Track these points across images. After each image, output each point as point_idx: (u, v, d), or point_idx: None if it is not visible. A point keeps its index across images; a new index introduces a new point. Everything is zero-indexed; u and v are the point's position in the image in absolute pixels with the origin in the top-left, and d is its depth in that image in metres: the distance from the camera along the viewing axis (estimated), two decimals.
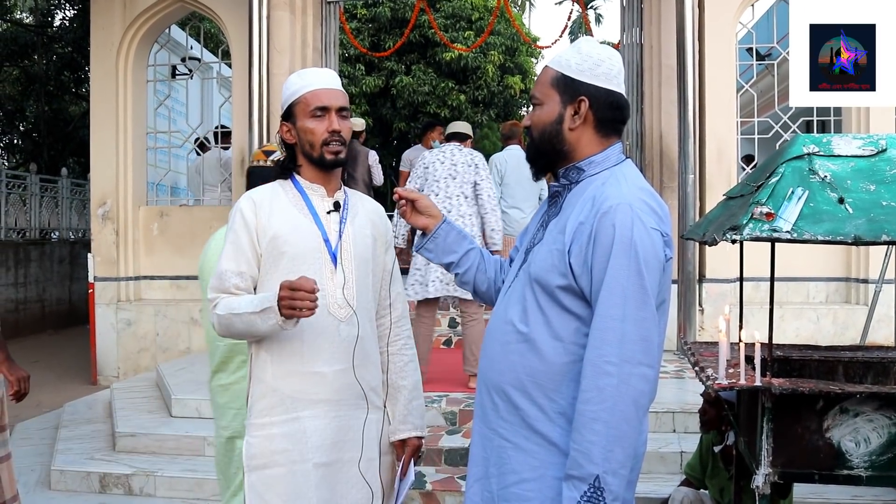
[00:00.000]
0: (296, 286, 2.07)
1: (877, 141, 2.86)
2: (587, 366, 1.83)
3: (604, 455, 1.77)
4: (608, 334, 1.81)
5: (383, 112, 18.85)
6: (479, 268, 2.30)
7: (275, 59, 7.60)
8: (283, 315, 2.11)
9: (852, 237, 2.58)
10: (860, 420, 2.73)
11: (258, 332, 2.21)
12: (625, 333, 1.81)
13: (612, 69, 2.00)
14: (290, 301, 2.08)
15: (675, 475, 4.51)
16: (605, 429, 1.78)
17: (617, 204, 1.86)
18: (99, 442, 5.70)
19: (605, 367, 1.80)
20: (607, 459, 1.77)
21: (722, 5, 7.39)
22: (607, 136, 2.03)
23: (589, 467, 1.78)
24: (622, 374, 1.79)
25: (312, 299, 2.07)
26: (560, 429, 1.91)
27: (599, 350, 1.82)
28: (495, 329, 2.08)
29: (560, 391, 1.92)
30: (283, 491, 2.26)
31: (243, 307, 2.22)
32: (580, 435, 1.80)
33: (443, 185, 5.93)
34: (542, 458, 1.94)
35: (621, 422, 1.78)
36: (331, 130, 2.31)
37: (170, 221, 8.58)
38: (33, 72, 17.16)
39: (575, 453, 1.81)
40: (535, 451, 1.95)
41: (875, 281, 6.16)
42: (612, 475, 1.77)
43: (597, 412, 1.79)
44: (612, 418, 1.78)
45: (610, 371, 1.79)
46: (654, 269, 1.85)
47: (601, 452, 1.77)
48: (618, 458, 1.78)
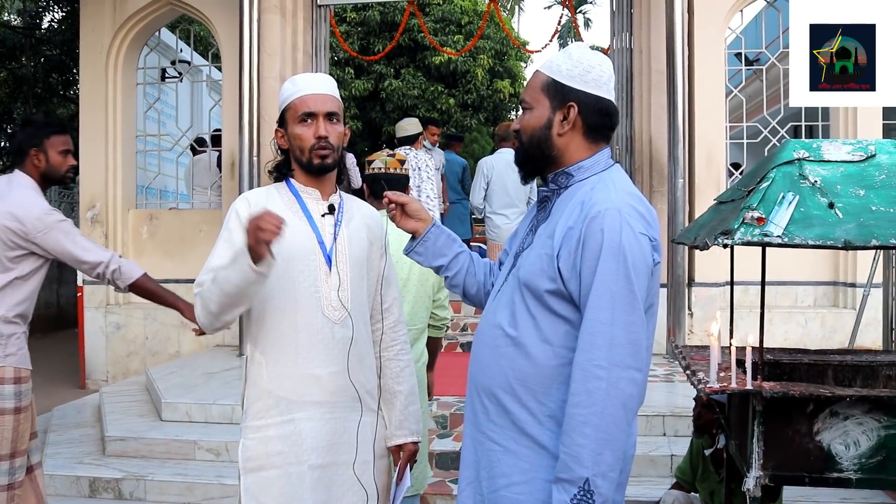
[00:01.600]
0: (258, 214, 2.05)
1: (866, 146, 2.88)
2: (576, 369, 1.84)
3: (593, 458, 1.78)
4: (597, 338, 1.83)
5: (372, 115, 18.83)
6: (468, 271, 2.31)
7: (265, 63, 7.60)
8: (252, 247, 2.04)
9: (842, 242, 2.60)
10: (850, 423, 2.74)
11: (233, 287, 2.13)
12: (614, 337, 1.82)
13: (602, 75, 2.01)
14: (255, 229, 2.02)
15: (665, 478, 4.53)
16: (595, 432, 1.79)
17: (605, 209, 1.87)
18: (88, 446, 5.68)
19: (595, 371, 1.81)
20: (597, 462, 1.78)
21: (711, 11, 7.44)
22: (596, 141, 2.04)
23: (579, 470, 1.79)
24: (611, 377, 1.80)
25: (276, 222, 2.02)
26: (550, 432, 1.92)
27: (589, 354, 1.83)
28: (484, 333, 2.09)
29: (549, 394, 1.93)
30: (279, 493, 2.26)
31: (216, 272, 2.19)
32: (570, 438, 1.81)
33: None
34: (532, 461, 1.94)
35: (610, 425, 1.80)
36: (317, 136, 2.32)
37: (159, 225, 8.56)
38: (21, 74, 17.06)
39: (565, 456, 1.82)
40: (525, 455, 1.95)
41: (862, 285, 6.21)
42: (602, 478, 1.79)
43: (586, 415, 1.80)
44: (601, 422, 1.79)
45: (599, 374, 1.80)
46: (643, 273, 1.87)
47: (591, 455, 1.78)
48: (607, 460, 1.79)
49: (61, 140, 3.49)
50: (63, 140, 3.50)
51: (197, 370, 6.84)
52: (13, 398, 3.30)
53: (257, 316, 2.31)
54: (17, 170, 3.46)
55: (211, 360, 7.36)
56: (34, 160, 3.43)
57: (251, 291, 2.16)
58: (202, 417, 5.65)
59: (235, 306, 2.21)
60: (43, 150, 3.43)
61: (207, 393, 5.95)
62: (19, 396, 3.32)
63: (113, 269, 3.40)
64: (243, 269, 2.08)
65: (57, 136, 3.48)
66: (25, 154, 3.43)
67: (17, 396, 3.31)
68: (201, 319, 2.25)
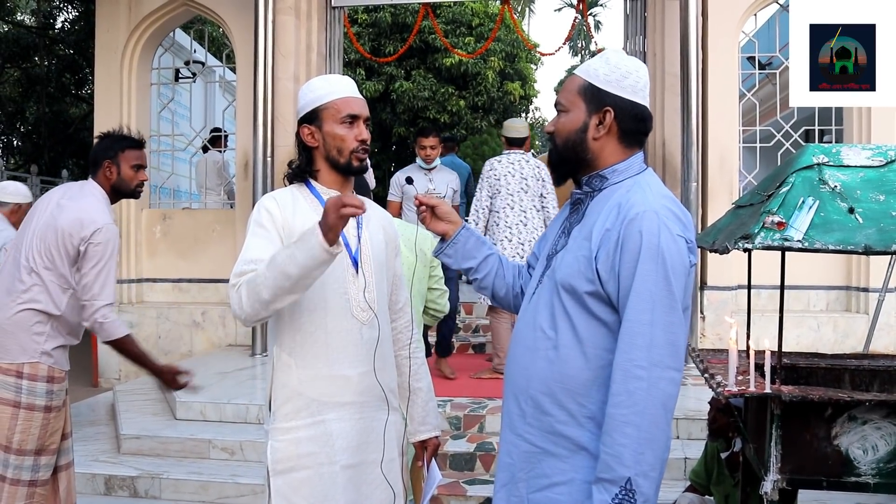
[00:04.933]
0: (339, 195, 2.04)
1: (886, 152, 2.89)
2: (617, 370, 1.85)
3: (635, 458, 1.79)
4: (637, 339, 1.84)
5: (383, 117, 18.88)
6: (497, 273, 2.33)
7: (279, 64, 7.63)
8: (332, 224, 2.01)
9: (863, 247, 2.62)
10: (868, 428, 2.75)
11: (297, 267, 2.05)
12: (654, 338, 1.83)
13: (638, 82, 2.03)
14: (339, 205, 1.99)
15: (679, 481, 4.53)
16: (636, 432, 1.80)
17: (643, 211, 1.89)
18: (103, 444, 5.72)
19: (635, 371, 1.82)
20: (638, 462, 1.79)
21: (725, 14, 7.43)
22: (630, 146, 2.05)
23: (620, 470, 1.80)
24: (651, 377, 1.82)
25: (360, 202, 2.01)
26: (589, 433, 1.94)
27: (629, 354, 1.84)
28: (523, 335, 2.09)
29: (589, 396, 1.94)
30: (310, 493, 2.27)
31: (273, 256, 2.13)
32: (611, 438, 1.82)
33: (517, 198, 6.19)
34: (572, 462, 1.95)
35: (651, 425, 1.81)
36: (360, 139, 2.34)
37: (172, 224, 8.60)
38: (34, 73, 17.17)
39: (606, 456, 1.83)
40: (565, 456, 1.97)
41: (875, 290, 6.21)
42: (644, 477, 1.80)
43: (627, 415, 1.81)
44: (642, 421, 1.80)
45: (640, 375, 1.82)
46: (681, 274, 1.88)
47: (632, 455, 1.79)
48: (648, 460, 1.80)
49: (135, 154, 3.51)
50: (137, 154, 3.52)
51: (210, 369, 6.87)
52: (44, 396, 3.33)
53: (286, 318, 2.31)
54: (91, 178, 3.49)
55: (224, 360, 7.39)
56: (106, 171, 3.45)
57: (313, 276, 2.10)
58: (216, 416, 5.68)
59: (291, 292, 2.12)
60: (116, 163, 3.45)
61: (221, 392, 5.97)
62: (51, 395, 3.36)
63: (101, 321, 3.33)
64: (312, 248, 2.03)
65: (132, 150, 3.50)
66: (99, 165, 3.45)
67: (48, 395, 3.34)
68: (245, 309, 2.15)
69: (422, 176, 6.48)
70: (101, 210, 3.39)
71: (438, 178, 6.58)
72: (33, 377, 3.31)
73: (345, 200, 1.99)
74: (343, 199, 2.00)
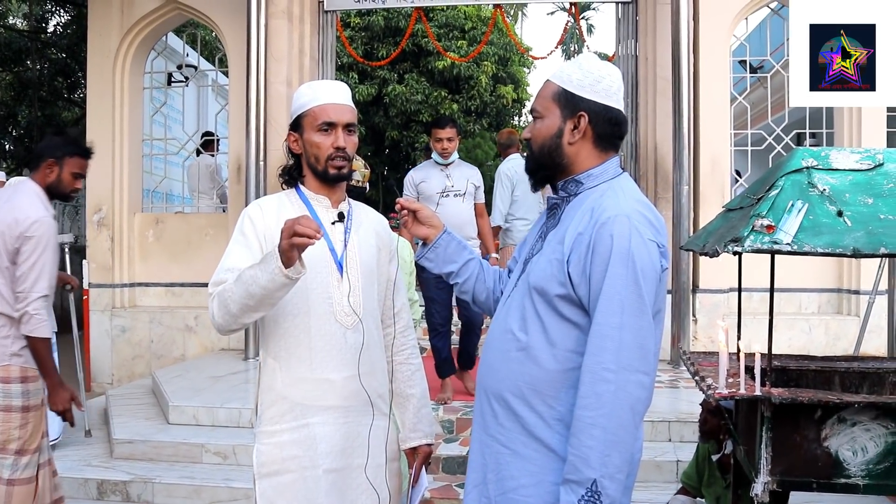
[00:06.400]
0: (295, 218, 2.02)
1: (874, 155, 2.91)
2: (585, 373, 1.87)
3: (601, 460, 1.81)
4: (606, 342, 1.85)
5: (376, 120, 18.89)
6: (478, 278, 2.35)
7: (272, 68, 7.64)
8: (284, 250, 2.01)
9: (851, 250, 2.63)
10: (858, 429, 2.77)
11: (259, 288, 2.09)
12: (622, 341, 1.85)
13: (612, 86, 2.05)
14: (291, 232, 1.98)
15: (670, 484, 4.55)
16: (603, 434, 1.82)
17: (615, 215, 1.90)
18: (96, 448, 5.70)
19: (603, 374, 1.84)
20: (605, 464, 1.81)
21: (717, 18, 7.47)
22: (605, 150, 2.07)
23: (587, 471, 1.81)
24: (619, 380, 1.83)
25: (313, 227, 1.98)
26: (558, 435, 1.95)
27: (597, 357, 1.86)
28: (495, 338, 2.12)
29: (558, 398, 1.96)
30: (294, 497, 2.28)
31: (241, 272, 2.15)
32: (578, 440, 1.84)
33: None
34: (541, 463, 1.97)
35: (618, 427, 1.82)
36: (336, 146, 2.35)
37: (165, 228, 8.59)
38: (26, 77, 17.10)
39: (573, 458, 1.84)
40: (534, 457, 1.98)
41: (866, 292, 6.23)
42: (610, 479, 1.81)
43: (595, 418, 1.83)
44: (609, 424, 1.82)
45: (608, 378, 1.83)
46: (651, 279, 1.90)
47: (599, 457, 1.81)
48: (615, 462, 1.82)
49: (80, 163, 3.54)
50: (82, 164, 3.55)
51: (203, 373, 6.87)
52: (21, 397, 3.36)
53: (271, 322, 2.33)
54: (28, 177, 3.51)
55: (216, 364, 7.38)
56: (47, 170, 3.48)
57: (276, 297, 2.14)
58: (209, 421, 5.68)
59: (256, 310, 2.17)
60: (59, 165, 3.48)
61: (214, 396, 5.97)
62: (27, 395, 3.38)
63: (31, 312, 3.32)
64: (272, 272, 2.06)
65: (78, 158, 3.53)
66: (42, 161, 3.47)
67: (24, 395, 3.37)
68: (217, 320, 2.22)
69: (438, 173, 5.82)
70: (36, 205, 3.41)
71: (457, 175, 5.85)
72: (6, 380, 3.35)
73: (297, 229, 1.98)
74: (296, 226, 1.98)
